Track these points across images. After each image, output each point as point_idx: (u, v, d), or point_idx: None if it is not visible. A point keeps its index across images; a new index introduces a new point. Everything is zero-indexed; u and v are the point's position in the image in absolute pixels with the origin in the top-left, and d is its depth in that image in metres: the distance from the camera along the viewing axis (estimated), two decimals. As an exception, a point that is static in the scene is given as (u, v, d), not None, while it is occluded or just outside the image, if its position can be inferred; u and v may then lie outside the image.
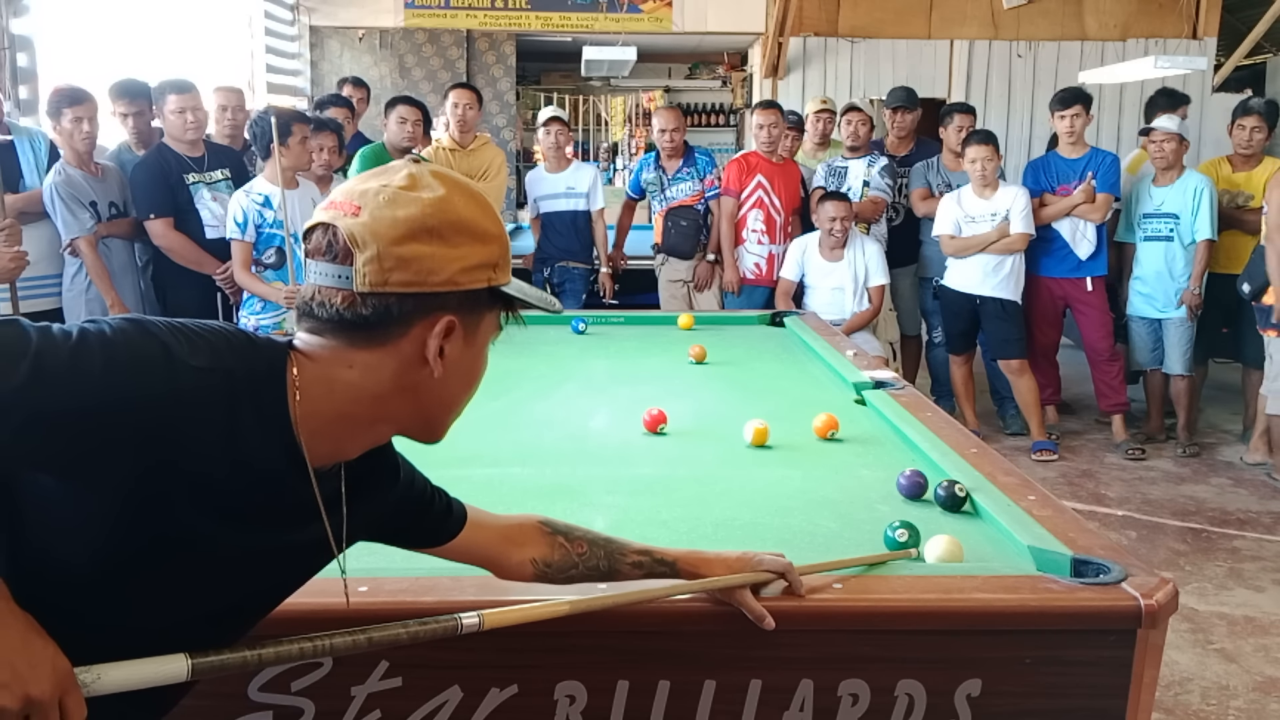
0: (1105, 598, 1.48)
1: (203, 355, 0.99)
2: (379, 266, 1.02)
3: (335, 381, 1.05)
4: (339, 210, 1.05)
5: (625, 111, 10.84)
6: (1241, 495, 4.63)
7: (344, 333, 1.04)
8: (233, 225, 4.12)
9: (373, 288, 1.02)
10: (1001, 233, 5.06)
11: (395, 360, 1.06)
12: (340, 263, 1.03)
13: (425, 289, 1.04)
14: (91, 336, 0.96)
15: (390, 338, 1.05)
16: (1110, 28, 8.47)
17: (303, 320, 1.07)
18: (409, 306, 1.04)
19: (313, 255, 1.05)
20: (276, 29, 7.80)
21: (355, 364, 1.05)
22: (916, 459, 2.25)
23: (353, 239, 1.02)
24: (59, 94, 4.25)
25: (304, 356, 1.05)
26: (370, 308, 1.03)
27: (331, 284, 1.03)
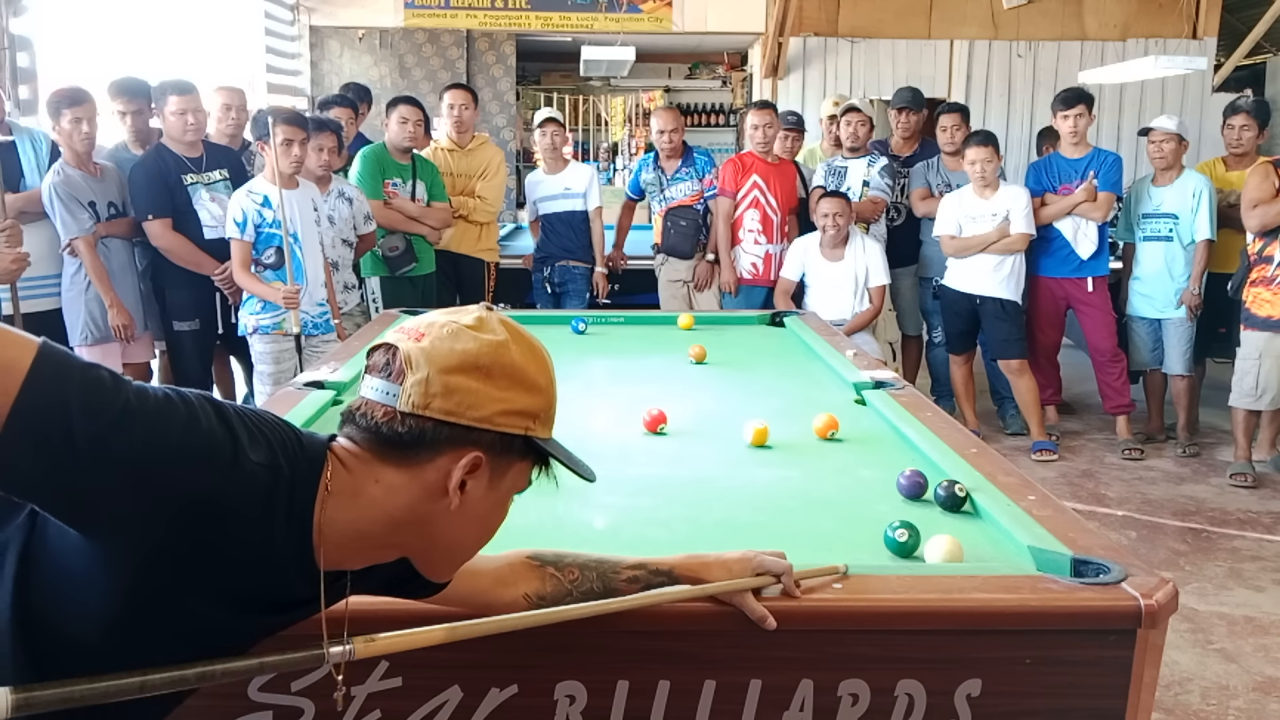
0: (1105, 598, 1.48)
1: (261, 450, 1.04)
2: (424, 390, 1.07)
3: (360, 495, 1.10)
4: (406, 335, 1.11)
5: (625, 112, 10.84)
6: (1241, 495, 4.64)
7: (378, 446, 1.09)
8: (232, 225, 4.12)
9: (414, 409, 1.08)
10: (1002, 233, 5.06)
11: (418, 485, 1.10)
12: (392, 380, 1.09)
13: (462, 420, 1.08)
14: (176, 403, 1.00)
15: (418, 460, 1.09)
16: (1110, 28, 8.47)
17: (345, 425, 1.13)
18: (443, 434, 1.08)
19: (370, 371, 1.11)
20: (276, 29, 7.81)
21: (381, 480, 1.10)
22: (916, 459, 2.24)
23: (408, 360, 1.08)
24: (59, 95, 4.24)
25: (339, 462, 1.10)
26: (407, 427, 1.08)
27: (378, 398, 1.09)
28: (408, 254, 4.96)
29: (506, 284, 5.67)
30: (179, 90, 4.43)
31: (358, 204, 4.63)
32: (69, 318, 4.37)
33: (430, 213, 5.06)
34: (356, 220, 4.62)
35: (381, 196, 4.95)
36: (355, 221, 4.62)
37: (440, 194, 5.12)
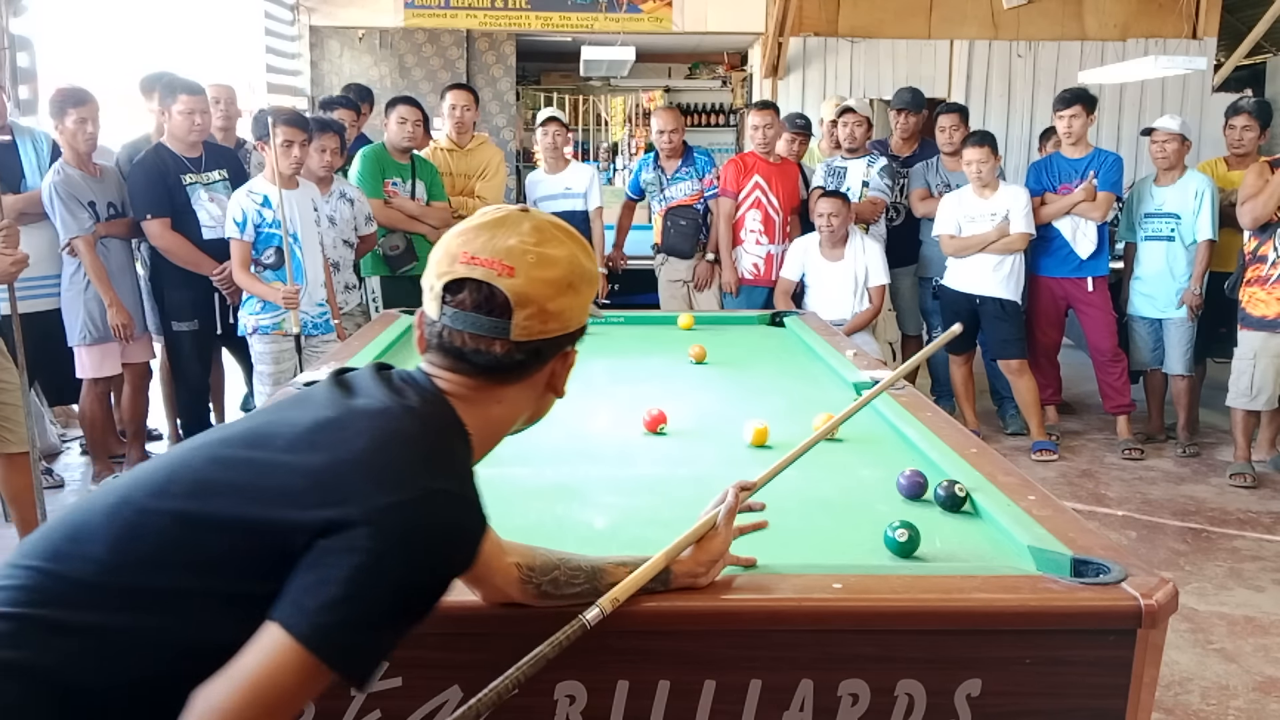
0: (1105, 598, 1.48)
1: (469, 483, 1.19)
2: (538, 323, 1.22)
3: (488, 417, 1.26)
4: (490, 269, 1.21)
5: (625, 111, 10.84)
6: (1241, 495, 4.64)
7: (498, 374, 1.24)
8: (232, 225, 4.11)
9: (527, 337, 1.22)
10: (1001, 232, 5.06)
11: (532, 391, 1.28)
12: (498, 316, 1.21)
13: (566, 331, 1.26)
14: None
15: (532, 373, 1.26)
16: (1110, 28, 8.47)
17: (445, 358, 1.24)
18: (552, 348, 1.26)
19: (462, 307, 1.21)
20: (276, 29, 7.80)
21: (504, 399, 1.26)
22: (916, 459, 2.24)
23: (516, 298, 1.20)
24: (63, 94, 4.25)
25: (459, 401, 1.23)
26: (524, 353, 1.23)
27: (486, 333, 1.21)
28: (408, 253, 4.96)
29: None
30: (190, 90, 4.44)
31: (359, 205, 4.63)
32: (68, 318, 4.38)
33: (430, 212, 5.06)
34: (358, 221, 4.62)
35: (382, 196, 4.95)
36: (356, 222, 4.62)
37: (440, 194, 5.13)
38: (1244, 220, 4.75)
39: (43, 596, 1.06)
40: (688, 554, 1.47)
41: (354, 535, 1.04)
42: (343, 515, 1.05)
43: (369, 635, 1.06)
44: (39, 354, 3.98)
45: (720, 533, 1.50)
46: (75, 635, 1.04)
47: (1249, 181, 4.76)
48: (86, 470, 4.76)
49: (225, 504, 1.09)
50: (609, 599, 1.35)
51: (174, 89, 4.41)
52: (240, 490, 1.10)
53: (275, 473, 1.11)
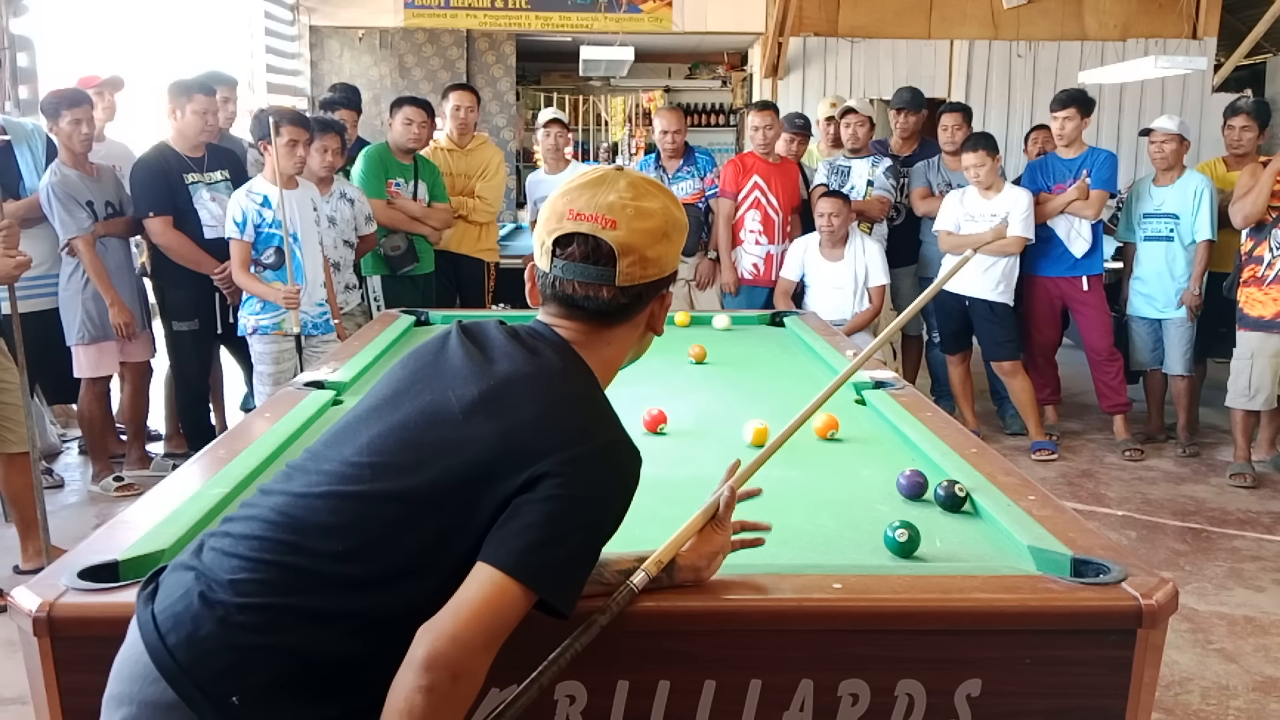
0: (1105, 598, 1.48)
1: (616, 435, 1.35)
2: (639, 269, 1.38)
3: (603, 358, 1.41)
4: (595, 223, 1.36)
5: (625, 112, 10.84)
6: (1241, 495, 4.64)
7: (607, 318, 1.40)
8: (232, 225, 4.11)
9: (631, 282, 1.38)
10: (998, 234, 5.05)
11: (635, 331, 1.45)
12: (604, 265, 1.36)
13: (663, 274, 1.42)
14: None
15: (634, 314, 1.42)
16: (1110, 28, 8.47)
17: (559, 307, 1.40)
18: (652, 291, 1.42)
19: (571, 258, 1.37)
20: (276, 29, 7.80)
21: (613, 340, 1.42)
22: (916, 459, 2.24)
23: (620, 248, 1.36)
24: (58, 96, 4.25)
25: (579, 346, 1.39)
26: (629, 297, 1.39)
27: (595, 281, 1.37)
28: (409, 254, 4.96)
29: (506, 284, 5.67)
30: (205, 90, 4.44)
31: (359, 205, 4.63)
32: (66, 317, 4.38)
33: (432, 213, 5.06)
34: (358, 221, 4.62)
35: (384, 196, 4.94)
36: (356, 222, 4.61)
37: (441, 194, 5.12)
38: (1235, 220, 4.78)
39: (290, 587, 1.22)
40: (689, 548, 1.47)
41: (547, 486, 1.22)
42: (534, 473, 1.23)
43: (569, 567, 1.24)
44: (39, 354, 3.98)
45: (722, 526, 1.50)
46: (329, 620, 1.21)
47: (1242, 181, 4.80)
48: (86, 470, 4.75)
49: (432, 486, 1.25)
50: (653, 562, 1.42)
51: (188, 89, 4.41)
52: (441, 469, 1.25)
53: (463, 448, 1.26)
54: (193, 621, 1.22)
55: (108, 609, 1.44)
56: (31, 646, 1.42)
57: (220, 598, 1.22)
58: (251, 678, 1.19)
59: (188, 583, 1.26)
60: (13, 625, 1.47)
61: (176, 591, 1.26)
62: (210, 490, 1.91)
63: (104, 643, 1.38)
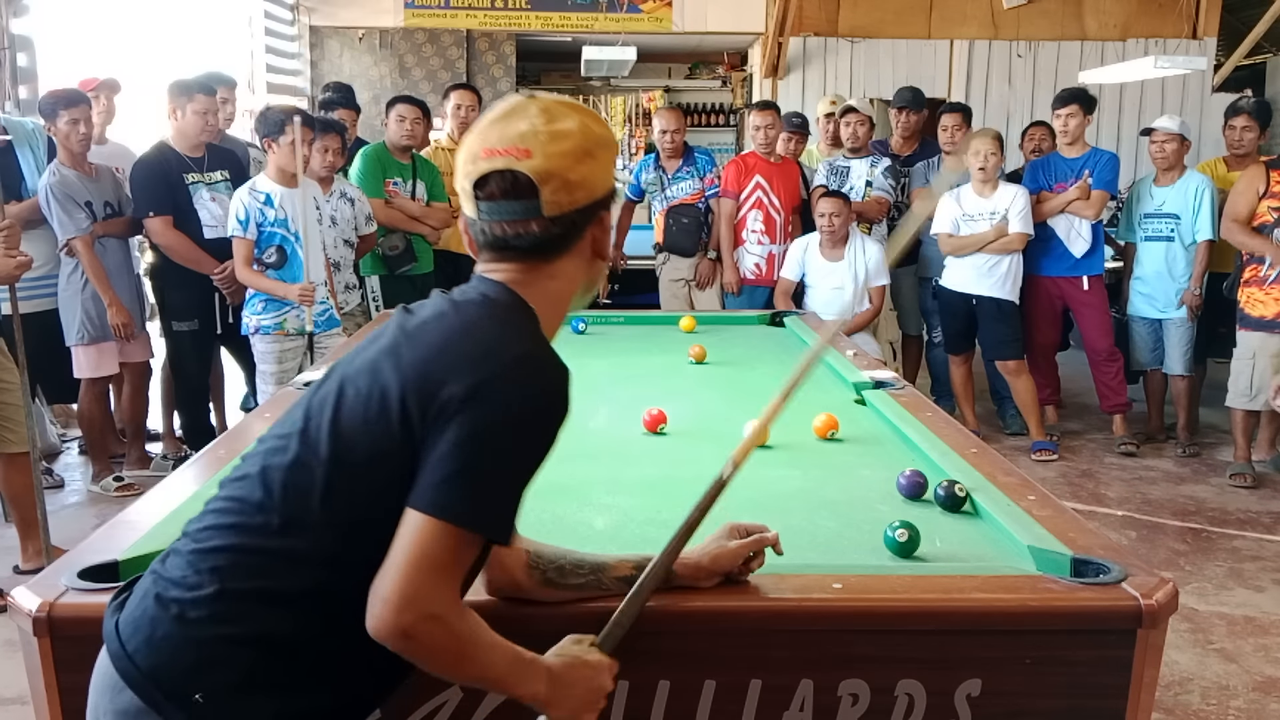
0: (1105, 598, 1.48)
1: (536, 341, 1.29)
2: (565, 195, 1.28)
3: (547, 293, 1.33)
4: (508, 156, 1.28)
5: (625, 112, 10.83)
6: (1241, 495, 4.63)
7: (542, 252, 1.31)
8: (234, 223, 4.10)
9: (560, 210, 1.29)
10: (999, 232, 5.06)
11: (580, 260, 1.35)
12: (526, 198, 1.28)
13: (595, 197, 1.32)
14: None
15: (572, 244, 1.33)
16: (1110, 28, 8.47)
17: (492, 252, 1.32)
18: (585, 216, 1.32)
19: (492, 199, 1.29)
20: (276, 29, 7.80)
21: (557, 274, 1.33)
22: (916, 459, 2.24)
23: (539, 177, 1.27)
24: (55, 96, 4.25)
25: (519, 286, 1.31)
26: (562, 226, 1.30)
27: (520, 216, 1.29)
28: (407, 253, 4.96)
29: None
30: (206, 90, 4.44)
31: (359, 205, 4.63)
32: (64, 317, 4.38)
33: (431, 212, 5.07)
34: (358, 221, 4.62)
35: (383, 195, 4.94)
36: (356, 222, 4.61)
37: (440, 194, 5.12)
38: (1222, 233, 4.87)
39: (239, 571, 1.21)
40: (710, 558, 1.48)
41: (456, 413, 1.16)
42: (441, 402, 1.17)
43: (490, 495, 1.17)
44: (39, 354, 3.98)
45: (734, 549, 1.50)
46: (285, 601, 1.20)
47: (1238, 190, 4.83)
48: (86, 470, 4.75)
49: (350, 441, 1.21)
50: (730, 461, 1.43)
51: (189, 89, 4.41)
52: (356, 424, 1.21)
53: (372, 397, 1.21)
54: (150, 624, 1.22)
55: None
56: (31, 646, 1.42)
57: (174, 595, 1.22)
58: (214, 674, 1.18)
59: (146, 587, 1.27)
60: (13, 625, 1.47)
61: (136, 597, 1.27)
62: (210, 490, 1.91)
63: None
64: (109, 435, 4.78)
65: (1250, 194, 4.74)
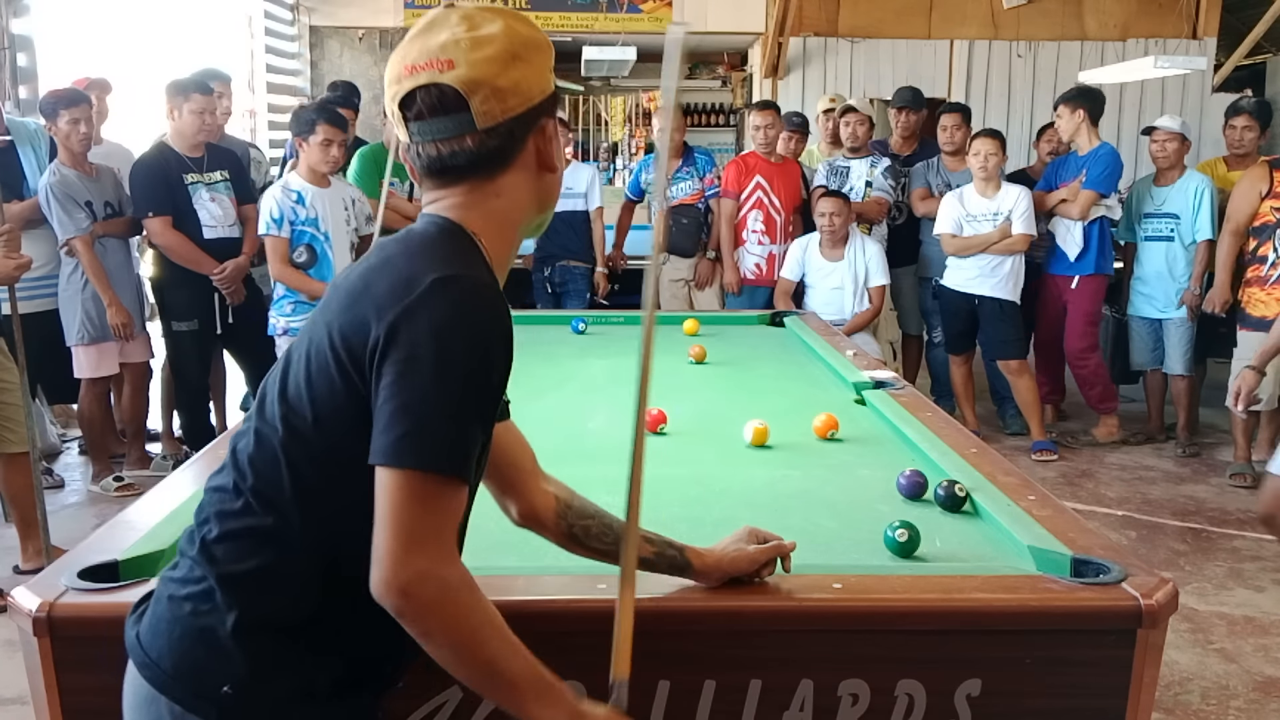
0: (1105, 598, 1.48)
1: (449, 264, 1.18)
2: (496, 103, 1.21)
3: (491, 212, 1.25)
4: (430, 70, 1.20)
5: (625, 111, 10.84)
6: (1241, 495, 4.63)
7: (482, 168, 1.23)
8: (268, 221, 4.09)
9: (492, 121, 1.21)
10: (1003, 233, 5.06)
11: (525, 173, 1.26)
12: (455, 112, 1.20)
13: (531, 103, 1.24)
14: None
15: (514, 156, 1.24)
16: (1110, 28, 8.46)
17: (432, 179, 1.25)
18: (523, 125, 1.24)
19: (421, 118, 1.21)
20: (276, 29, 7.79)
21: (500, 191, 1.25)
22: (916, 459, 2.24)
23: (465, 86, 1.19)
24: (55, 96, 4.25)
25: (461, 210, 1.24)
26: (498, 138, 1.22)
27: (453, 133, 1.21)
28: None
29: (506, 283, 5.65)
30: (202, 89, 4.44)
31: (359, 205, 4.63)
32: (65, 318, 4.38)
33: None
34: (358, 221, 4.62)
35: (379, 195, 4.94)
36: (357, 223, 4.61)
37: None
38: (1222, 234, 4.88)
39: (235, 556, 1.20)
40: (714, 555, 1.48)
41: (387, 352, 1.11)
42: (370, 350, 1.12)
43: (433, 430, 1.10)
44: (40, 354, 3.98)
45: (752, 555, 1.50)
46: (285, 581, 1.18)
47: (1239, 192, 4.83)
48: (86, 470, 4.75)
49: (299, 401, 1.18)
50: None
51: (185, 89, 4.41)
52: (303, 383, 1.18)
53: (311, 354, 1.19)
54: (167, 626, 1.22)
55: (108, 609, 1.44)
56: (31, 646, 1.42)
57: (182, 593, 1.22)
58: (233, 663, 1.18)
59: (158, 592, 1.27)
60: (13, 625, 1.47)
61: (151, 604, 1.27)
62: (210, 490, 1.91)
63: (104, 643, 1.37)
64: (109, 435, 4.78)
65: (1253, 194, 4.75)
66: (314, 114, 4.13)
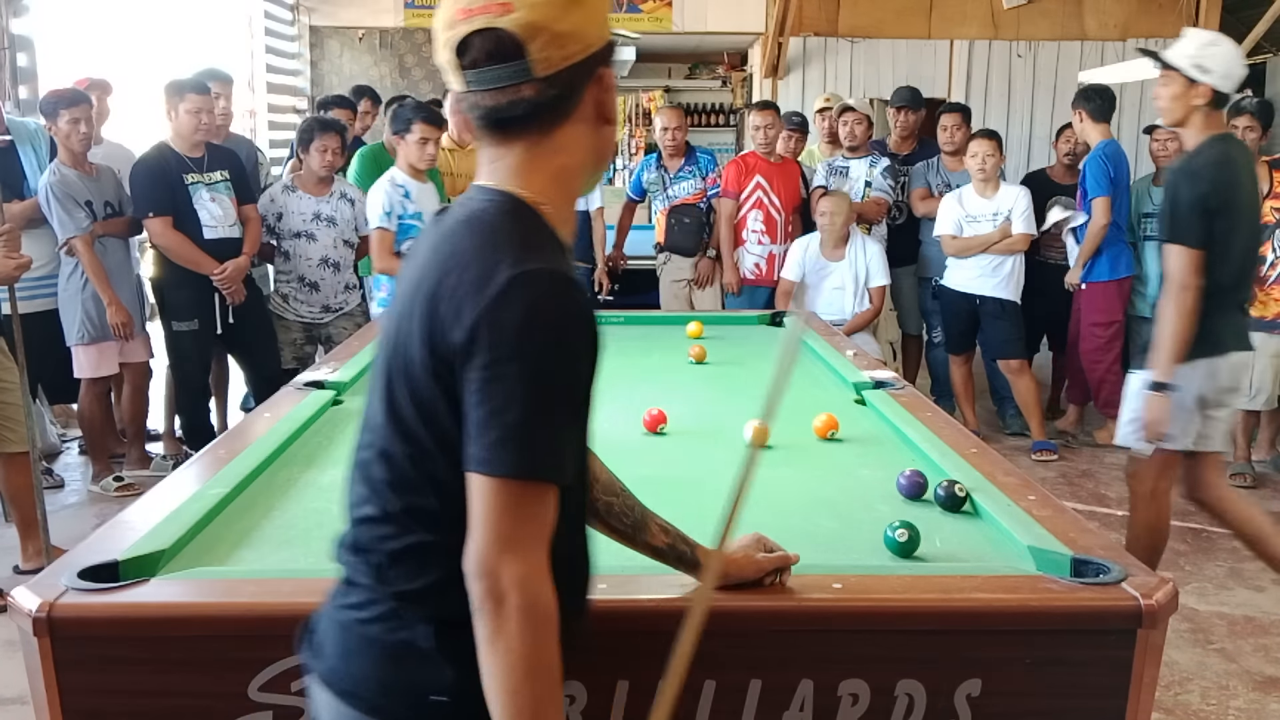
0: (1105, 598, 1.48)
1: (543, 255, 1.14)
2: (556, 49, 1.13)
3: (554, 172, 1.20)
4: (487, 13, 1.13)
5: (625, 111, 10.83)
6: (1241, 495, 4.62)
7: (541, 121, 1.17)
8: (377, 214, 4.18)
9: (552, 68, 1.14)
10: (1003, 233, 5.06)
11: (584, 126, 1.20)
12: (514, 59, 1.13)
13: (590, 51, 1.16)
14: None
15: (574, 107, 1.18)
16: (1110, 28, 8.46)
17: (489, 134, 1.19)
18: (582, 74, 1.17)
19: (476, 66, 1.14)
20: (276, 29, 7.80)
21: (562, 147, 1.19)
22: (916, 459, 2.24)
23: (524, 31, 1.12)
24: (56, 95, 4.25)
25: (524, 172, 1.18)
26: (558, 86, 1.15)
27: (511, 81, 1.14)
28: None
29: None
30: (198, 89, 4.44)
31: (359, 205, 4.63)
32: (65, 317, 4.38)
33: (430, 212, 5.08)
34: (358, 221, 4.62)
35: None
36: (357, 222, 4.62)
37: (440, 194, 5.12)
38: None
39: (375, 573, 1.19)
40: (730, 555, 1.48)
41: (469, 357, 1.08)
42: (454, 346, 1.09)
43: (530, 438, 1.08)
44: (40, 354, 3.98)
45: (761, 562, 1.50)
46: (417, 599, 1.17)
47: None
48: (86, 470, 4.75)
49: (412, 415, 1.15)
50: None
51: (181, 89, 4.41)
52: (396, 400, 1.17)
53: (402, 364, 1.16)
54: (362, 649, 1.20)
55: (108, 609, 1.44)
56: (31, 646, 1.42)
57: (368, 615, 1.19)
58: (423, 669, 1.17)
59: (337, 619, 1.23)
60: (13, 625, 1.47)
61: (323, 634, 1.25)
62: (210, 490, 1.91)
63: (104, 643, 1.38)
64: (109, 435, 4.78)
65: None
66: (411, 113, 4.26)
